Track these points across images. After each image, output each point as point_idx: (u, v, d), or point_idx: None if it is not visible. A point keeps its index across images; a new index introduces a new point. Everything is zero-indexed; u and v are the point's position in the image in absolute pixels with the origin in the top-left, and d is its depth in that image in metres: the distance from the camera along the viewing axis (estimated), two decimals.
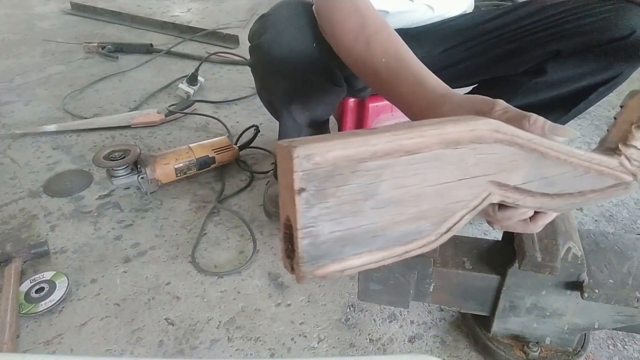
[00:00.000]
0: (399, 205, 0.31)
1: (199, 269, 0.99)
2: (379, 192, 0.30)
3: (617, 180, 0.43)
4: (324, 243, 0.29)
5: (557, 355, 0.77)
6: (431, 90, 0.55)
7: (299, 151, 0.27)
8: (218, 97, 1.72)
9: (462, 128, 0.32)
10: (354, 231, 0.30)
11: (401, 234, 0.31)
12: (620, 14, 0.81)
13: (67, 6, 2.73)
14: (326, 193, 0.28)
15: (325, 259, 0.29)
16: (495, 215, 0.43)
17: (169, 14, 2.65)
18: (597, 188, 0.42)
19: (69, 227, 1.10)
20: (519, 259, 0.66)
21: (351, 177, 0.29)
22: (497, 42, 0.94)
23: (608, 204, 1.19)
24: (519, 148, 0.36)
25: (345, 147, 0.28)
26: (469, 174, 0.33)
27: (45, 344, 0.84)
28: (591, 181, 0.42)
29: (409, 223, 0.31)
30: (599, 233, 0.77)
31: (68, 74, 1.91)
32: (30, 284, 0.93)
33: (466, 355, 0.82)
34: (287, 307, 0.91)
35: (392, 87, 0.60)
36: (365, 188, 0.29)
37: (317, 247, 0.29)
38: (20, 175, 1.29)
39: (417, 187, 0.31)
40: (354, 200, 0.29)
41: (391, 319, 0.88)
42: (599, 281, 0.68)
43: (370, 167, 0.29)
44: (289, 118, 0.93)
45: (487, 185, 0.35)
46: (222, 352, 0.82)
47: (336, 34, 0.69)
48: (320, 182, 0.28)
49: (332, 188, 0.28)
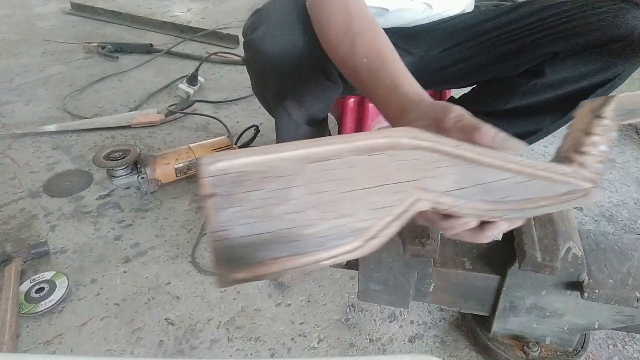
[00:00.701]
0: (316, 210, 0.31)
1: (199, 269, 0.99)
2: (292, 198, 0.30)
3: (572, 187, 0.42)
4: (238, 247, 0.29)
5: (557, 355, 0.77)
6: (404, 95, 0.54)
7: (205, 159, 0.29)
8: (218, 97, 1.72)
9: (374, 136, 0.33)
10: (269, 235, 0.30)
11: (323, 239, 0.31)
12: (619, 15, 0.81)
13: (67, 6, 2.73)
14: (236, 198, 0.29)
15: (241, 263, 0.29)
16: (439, 223, 0.42)
17: (169, 14, 2.65)
18: (548, 195, 0.41)
19: (69, 227, 1.10)
20: (519, 259, 0.66)
21: (260, 182, 0.30)
22: (495, 42, 0.94)
23: (608, 204, 1.19)
24: (444, 154, 0.36)
25: (252, 154, 0.30)
26: (390, 179, 0.33)
27: (45, 344, 0.84)
28: (539, 188, 0.41)
29: (329, 229, 0.31)
30: (599, 233, 0.77)
31: (68, 74, 1.91)
32: (30, 284, 0.93)
33: (466, 355, 0.82)
34: (287, 307, 0.91)
35: (370, 89, 0.60)
36: (276, 193, 0.30)
37: (231, 251, 0.29)
38: (20, 175, 1.29)
39: (333, 192, 0.32)
40: (267, 205, 0.30)
41: (391, 319, 0.88)
42: (599, 281, 0.68)
43: (279, 173, 0.30)
44: (284, 114, 0.92)
45: (414, 191, 0.35)
46: (222, 352, 0.82)
47: (323, 31, 0.69)
48: (229, 187, 0.29)
49: (241, 193, 0.29)
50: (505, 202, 0.39)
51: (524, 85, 0.91)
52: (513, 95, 0.93)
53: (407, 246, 0.67)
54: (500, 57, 0.95)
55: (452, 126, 0.44)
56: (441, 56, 1.00)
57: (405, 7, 0.95)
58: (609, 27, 0.81)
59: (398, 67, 0.59)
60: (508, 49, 0.93)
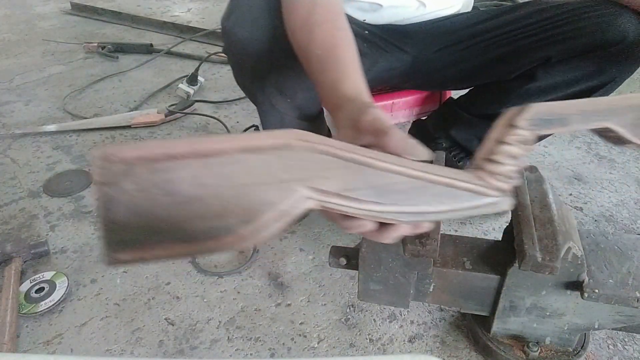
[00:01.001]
0: (201, 202, 0.34)
1: (199, 269, 0.99)
2: (177, 189, 0.33)
3: (477, 196, 0.41)
4: (124, 230, 0.32)
5: (557, 355, 0.77)
6: (342, 93, 0.54)
7: (95, 151, 0.32)
8: (218, 97, 1.72)
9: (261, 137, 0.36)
10: (154, 222, 0.33)
11: (208, 228, 0.34)
12: (611, 20, 0.80)
13: (67, 6, 2.73)
14: (124, 187, 0.32)
15: (127, 245, 0.32)
16: (339, 222, 0.43)
17: (169, 14, 2.65)
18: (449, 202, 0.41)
19: (69, 227, 1.10)
20: (519, 259, 0.66)
21: (146, 173, 0.33)
22: (488, 45, 0.94)
23: (608, 204, 1.19)
24: (334, 156, 0.37)
25: (143, 147, 0.33)
26: (276, 178, 0.35)
27: (45, 344, 0.84)
28: (439, 194, 0.40)
29: (215, 219, 0.34)
30: (599, 233, 0.77)
31: (68, 74, 1.91)
32: (30, 284, 0.93)
33: (466, 355, 0.82)
34: (287, 307, 0.91)
35: (317, 82, 0.60)
36: (162, 184, 0.33)
37: (117, 233, 0.32)
38: (20, 175, 1.29)
39: (217, 186, 0.34)
40: (153, 194, 0.33)
41: (391, 319, 0.88)
42: (599, 281, 0.68)
43: (165, 167, 0.33)
44: (265, 102, 0.90)
45: (301, 189, 0.36)
46: (222, 352, 0.82)
47: (287, 17, 0.68)
48: (117, 177, 0.32)
49: (129, 183, 0.32)
50: (401, 205, 0.39)
51: (518, 90, 0.92)
52: (507, 99, 0.94)
53: (407, 246, 0.67)
54: (494, 60, 0.95)
55: (365, 128, 0.46)
56: (435, 57, 1.00)
57: (399, 4, 0.95)
58: (601, 31, 0.81)
59: (346, 63, 0.58)
60: (501, 53, 0.93)
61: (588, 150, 1.42)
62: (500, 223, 1.11)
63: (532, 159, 1.37)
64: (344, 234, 1.08)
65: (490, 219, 1.13)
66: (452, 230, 1.10)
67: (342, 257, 0.76)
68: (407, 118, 1.21)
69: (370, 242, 0.72)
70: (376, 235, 0.44)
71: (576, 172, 1.32)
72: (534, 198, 0.74)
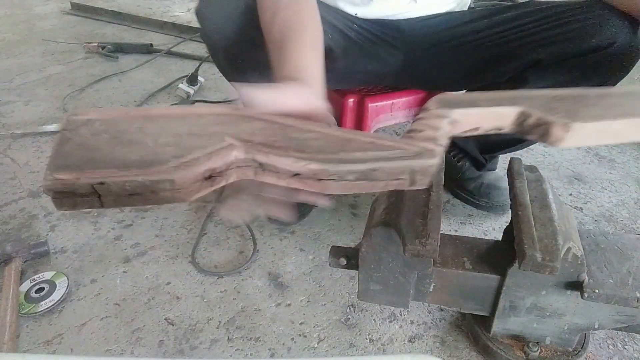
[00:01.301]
0: (141, 143, 0.40)
1: (199, 269, 0.99)
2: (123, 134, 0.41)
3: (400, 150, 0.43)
4: (69, 158, 0.39)
5: (557, 355, 0.77)
6: (283, 73, 0.54)
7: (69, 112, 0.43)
8: (218, 97, 1.72)
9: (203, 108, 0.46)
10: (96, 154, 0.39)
11: (143, 159, 0.39)
12: (602, 24, 0.80)
13: (67, 6, 2.73)
14: (80, 132, 0.41)
15: (67, 169, 0.39)
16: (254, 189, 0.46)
17: (169, 14, 2.65)
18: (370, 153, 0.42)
19: (69, 227, 1.10)
20: (519, 259, 0.66)
21: (101, 126, 0.42)
22: (477, 46, 0.94)
23: (608, 204, 1.19)
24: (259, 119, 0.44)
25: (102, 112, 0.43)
26: (208, 131, 0.42)
27: (45, 344, 0.84)
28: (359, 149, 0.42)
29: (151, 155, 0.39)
30: (599, 233, 0.77)
31: (68, 74, 1.91)
32: (30, 284, 0.93)
33: (466, 355, 0.82)
34: (287, 307, 0.91)
35: (273, 63, 0.60)
36: (111, 131, 0.41)
37: (62, 159, 0.39)
38: (20, 175, 1.29)
39: (157, 134, 0.41)
40: (102, 137, 0.41)
41: (391, 319, 0.88)
42: (599, 281, 0.68)
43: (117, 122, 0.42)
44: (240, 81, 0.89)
45: (228, 138, 0.41)
46: (222, 352, 0.82)
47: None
48: (77, 126, 0.42)
49: (85, 129, 0.41)
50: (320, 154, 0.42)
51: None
52: None
53: (407, 246, 0.67)
54: (484, 61, 0.94)
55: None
56: (426, 55, 0.99)
57: None
58: (590, 35, 0.81)
59: (298, 47, 0.58)
60: (491, 54, 0.93)
61: (588, 150, 1.42)
62: (500, 223, 1.11)
63: (532, 159, 1.37)
64: (344, 234, 1.08)
65: (490, 218, 1.13)
66: (452, 230, 1.10)
67: (342, 257, 0.76)
68: (407, 118, 1.21)
69: (371, 242, 0.72)
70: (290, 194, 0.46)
71: (576, 172, 1.32)
72: (534, 198, 0.74)
